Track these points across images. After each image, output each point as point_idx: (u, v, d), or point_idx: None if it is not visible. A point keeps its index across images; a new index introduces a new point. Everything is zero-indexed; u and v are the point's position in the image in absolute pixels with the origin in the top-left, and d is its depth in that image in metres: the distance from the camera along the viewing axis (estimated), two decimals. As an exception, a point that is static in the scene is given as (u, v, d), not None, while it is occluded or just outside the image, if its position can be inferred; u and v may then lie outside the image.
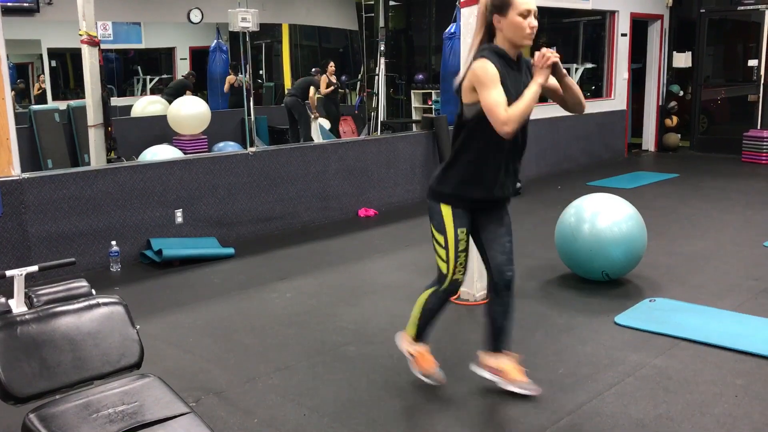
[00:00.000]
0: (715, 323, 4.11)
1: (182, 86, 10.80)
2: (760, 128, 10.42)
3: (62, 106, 8.84)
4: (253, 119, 7.31)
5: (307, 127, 9.98)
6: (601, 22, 10.83)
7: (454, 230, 3.09)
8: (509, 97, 2.83)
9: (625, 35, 10.76)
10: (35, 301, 2.50)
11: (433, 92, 11.30)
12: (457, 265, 3.13)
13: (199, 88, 11.76)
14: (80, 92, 8.74)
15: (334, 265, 5.57)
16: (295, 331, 4.18)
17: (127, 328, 2.52)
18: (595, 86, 11.31)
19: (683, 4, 11.54)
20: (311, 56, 13.44)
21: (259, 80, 13.46)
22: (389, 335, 3.93)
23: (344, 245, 6.21)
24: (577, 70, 10.72)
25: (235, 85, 10.93)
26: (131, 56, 12.41)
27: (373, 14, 11.55)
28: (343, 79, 12.60)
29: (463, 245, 3.12)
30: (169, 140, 8.92)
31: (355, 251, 5.99)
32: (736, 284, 4.85)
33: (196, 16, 10.65)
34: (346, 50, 13.06)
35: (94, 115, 6.82)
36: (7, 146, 5.01)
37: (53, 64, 11.11)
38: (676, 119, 11.69)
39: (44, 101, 10.26)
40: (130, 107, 10.21)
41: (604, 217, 4.69)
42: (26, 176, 5.17)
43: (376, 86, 10.52)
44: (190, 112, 9.05)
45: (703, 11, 11.20)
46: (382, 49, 10.44)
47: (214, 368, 3.68)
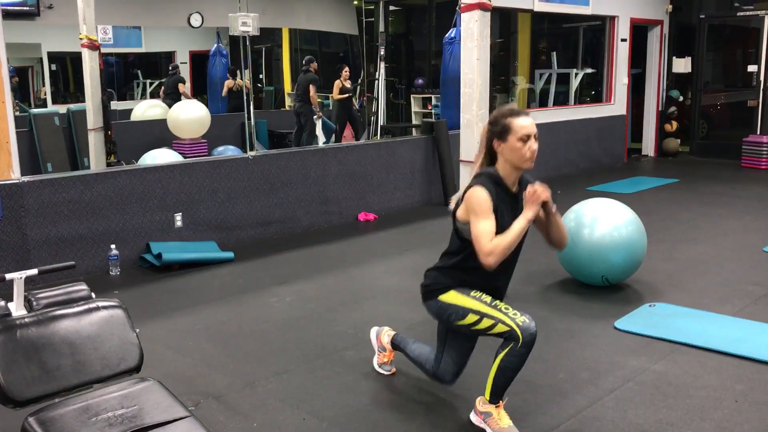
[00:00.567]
0: (715, 328, 4.11)
1: (176, 82, 10.83)
2: (759, 133, 10.43)
3: (62, 109, 8.85)
4: (253, 123, 7.32)
5: (311, 134, 9.98)
6: (600, 27, 10.85)
7: (470, 298, 2.93)
8: (504, 224, 2.82)
9: (624, 40, 10.77)
10: (35, 304, 2.50)
11: (432, 97, 11.30)
12: (508, 314, 2.85)
13: (199, 92, 11.78)
14: (80, 96, 8.75)
15: (333, 269, 5.57)
16: (294, 335, 4.18)
17: (126, 331, 2.52)
18: (594, 91, 11.33)
19: (683, 9, 11.57)
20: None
21: (259, 84, 13.48)
22: (389, 339, 3.94)
23: (344, 249, 6.21)
24: (576, 75, 10.73)
25: (234, 89, 10.95)
26: (131, 60, 12.43)
27: (373, 19, 11.56)
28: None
29: (488, 298, 2.92)
30: (168, 144, 8.93)
31: (354, 255, 5.99)
32: (736, 289, 4.85)
33: (196, 20, 10.67)
34: (346, 55, 13.08)
35: (94, 118, 6.84)
36: (7, 149, 5.00)
37: (53, 67, 11.13)
38: (675, 124, 11.70)
39: (44, 105, 10.27)
40: (130, 111, 10.22)
41: (603, 222, 4.70)
42: (26, 180, 5.17)
43: (376, 91, 10.52)
44: (189, 115, 9.06)
45: (702, 17, 11.22)
46: (382, 53, 10.44)
47: (213, 372, 3.67)
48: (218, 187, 6.23)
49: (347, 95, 10.53)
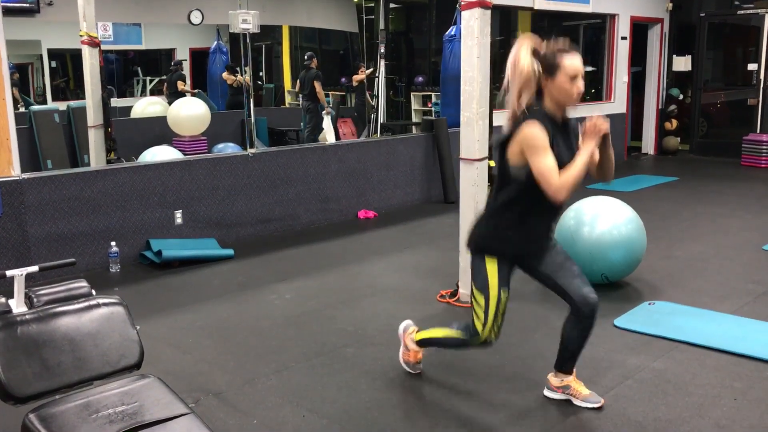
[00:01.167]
0: (714, 326, 4.11)
1: (176, 80, 10.82)
2: (759, 132, 10.43)
3: (62, 106, 8.84)
4: (253, 120, 7.32)
5: (313, 131, 9.97)
6: (601, 25, 10.84)
7: (498, 291, 3.01)
8: (561, 159, 2.82)
9: (625, 38, 10.77)
10: (35, 301, 2.50)
11: (432, 95, 11.29)
12: (493, 327, 3.05)
13: (198, 88, 11.75)
14: (80, 93, 8.74)
15: (333, 266, 5.58)
16: (294, 332, 4.18)
17: (127, 328, 2.52)
18: (595, 89, 11.32)
19: (683, 8, 11.56)
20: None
21: (259, 82, 13.46)
22: (388, 337, 3.94)
23: (344, 247, 6.21)
24: (577, 73, 10.71)
25: (234, 85, 10.93)
26: (131, 57, 12.42)
27: (373, 16, 11.54)
28: (342, 81, 12.61)
29: (503, 308, 3.04)
30: (168, 141, 8.92)
31: (354, 253, 5.99)
32: (735, 287, 4.86)
33: (196, 17, 10.65)
34: (346, 52, 13.07)
35: (94, 115, 6.83)
36: (7, 146, 5.01)
37: (53, 64, 11.12)
38: (675, 122, 11.70)
39: (44, 101, 10.26)
40: (130, 108, 10.21)
41: (603, 220, 4.70)
42: (26, 177, 5.17)
43: (376, 88, 10.52)
44: (189, 113, 9.05)
45: (702, 15, 11.22)
46: (382, 51, 10.43)
47: (213, 369, 3.68)
48: (218, 184, 6.23)
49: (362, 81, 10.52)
